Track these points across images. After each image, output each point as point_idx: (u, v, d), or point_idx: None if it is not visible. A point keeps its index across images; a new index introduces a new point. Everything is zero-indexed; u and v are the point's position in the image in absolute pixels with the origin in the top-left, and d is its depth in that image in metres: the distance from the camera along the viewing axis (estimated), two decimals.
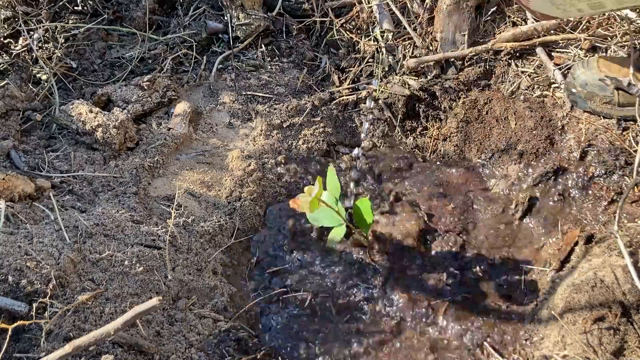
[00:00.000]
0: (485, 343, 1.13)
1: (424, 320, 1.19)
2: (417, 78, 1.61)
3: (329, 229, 1.25)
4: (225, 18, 1.77)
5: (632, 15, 1.56)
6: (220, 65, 1.70)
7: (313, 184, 1.08)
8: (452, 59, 1.62)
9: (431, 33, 1.67)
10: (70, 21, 1.82)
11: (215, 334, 1.03)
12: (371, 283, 1.26)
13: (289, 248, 1.33)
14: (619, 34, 1.54)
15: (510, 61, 1.59)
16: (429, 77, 1.62)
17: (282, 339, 1.16)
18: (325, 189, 1.14)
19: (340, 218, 1.15)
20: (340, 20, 1.76)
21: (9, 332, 0.82)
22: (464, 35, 1.62)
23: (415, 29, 1.69)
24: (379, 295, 1.23)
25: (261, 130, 1.50)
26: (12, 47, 1.65)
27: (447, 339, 1.15)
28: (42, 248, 1.03)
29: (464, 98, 1.57)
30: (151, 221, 1.21)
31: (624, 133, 1.34)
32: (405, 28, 1.69)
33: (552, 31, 1.61)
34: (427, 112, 1.61)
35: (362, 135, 1.59)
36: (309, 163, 1.53)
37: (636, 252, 1.10)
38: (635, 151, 1.28)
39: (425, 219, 1.39)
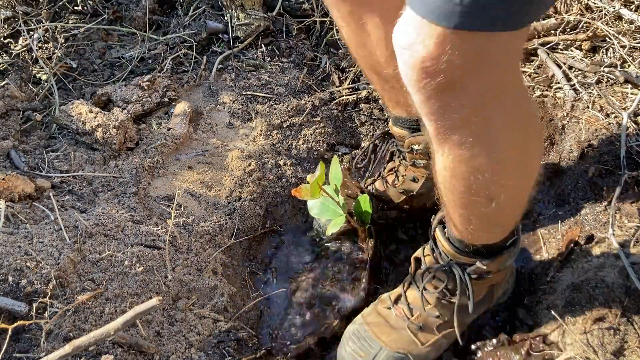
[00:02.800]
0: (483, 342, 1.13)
1: None
2: None
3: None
4: (225, 18, 1.77)
5: (633, 15, 1.56)
6: (220, 65, 1.70)
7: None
8: None
9: None
10: (70, 21, 1.82)
11: (215, 334, 1.03)
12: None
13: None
14: (620, 33, 1.54)
15: None
16: None
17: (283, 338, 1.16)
18: (327, 179, 1.14)
19: (340, 209, 1.15)
20: None
21: (9, 332, 0.82)
22: None
23: None
24: (378, 290, 1.23)
25: (261, 130, 1.50)
26: (12, 47, 1.65)
27: None
28: (42, 248, 1.03)
29: None
30: (151, 221, 1.21)
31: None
32: None
33: (552, 31, 1.61)
34: None
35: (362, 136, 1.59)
36: (309, 163, 1.53)
37: (636, 252, 1.10)
38: (637, 152, 1.28)
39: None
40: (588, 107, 1.41)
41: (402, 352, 1.02)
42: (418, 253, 1.08)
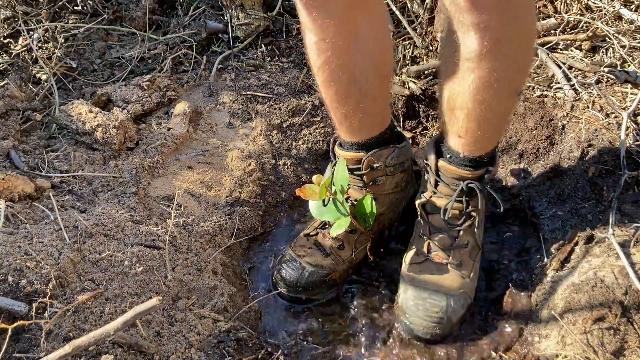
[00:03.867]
0: (483, 344, 1.13)
1: None
2: (417, 81, 1.61)
3: None
4: (225, 18, 1.77)
5: (633, 15, 1.56)
6: (220, 65, 1.70)
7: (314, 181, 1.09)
8: None
9: (431, 33, 1.67)
10: (70, 21, 1.82)
11: (215, 334, 1.03)
12: (370, 280, 1.26)
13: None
14: (620, 33, 1.54)
15: None
16: (429, 78, 1.62)
17: (283, 338, 1.16)
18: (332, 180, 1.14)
19: (344, 211, 1.15)
20: None
21: (9, 332, 0.82)
22: None
23: (415, 29, 1.69)
24: (378, 290, 1.23)
25: (261, 130, 1.50)
26: (12, 47, 1.65)
27: (445, 339, 1.15)
28: (42, 248, 1.03)
29: None
30: (151, 221, 1.21)
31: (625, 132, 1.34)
32: (405, 28, 1.69)
33: (552, 31, 1.61)
34: (427, 112, 1.61)
35: None
36: (309, 163, 1.53)
37: (636, 252, 1.10)
38: (637, 151, 1.28)
39: None
40: (588, 107, 1.41)
41: (461, 290, 1.13)
42: (421, 200, 1.18)
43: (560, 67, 1.52)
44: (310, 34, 1.01)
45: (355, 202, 1.19)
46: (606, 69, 1.47)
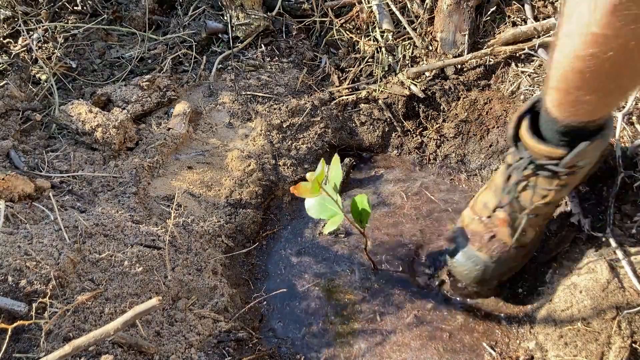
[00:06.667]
0: (483, 343, 1.14)
1: (422, 320, 1.19)
2: (417, 82, 1.61)
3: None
4: (225, 18, 1.77)
5: None
6: (220, 65, 1.70)
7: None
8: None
9: (431, 33, 1.68)
10: (69, 21, 1.82)
11: (215, 334, 1.03)
12: (368, 280, 1.26)
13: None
14: None
15: (510, 61, 1.59)
16: (428, 78, 1.62)
17: (283, 338, 1.16)
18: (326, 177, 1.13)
19: (338, 208, 1.14)
20: (340, 20, 1.76)
21: (9, 332, 0.82)
22: (464, 35, 1.62)
23: (415, 29, 1.70)
24: (376, 290, 1.23)
25: (261, 131, 1.50)
26: (12, 47, 1.65)
27: (446, 339, 1.15)
28: (42, 248, 1.03)
29: (463, 98, 1.57)
30: (151, 221, 1.21)
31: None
32: (405, 28, 1.70)
33: (552, 31, 1.61)
34: (426, 112, 1.61)
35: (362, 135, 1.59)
36: (309, 163, 1.53)
37: (635, 252, 1.10)
38: (632, 152, 1.29)
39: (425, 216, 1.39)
40: None
41: None
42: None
43: None
44: None
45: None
46: None
